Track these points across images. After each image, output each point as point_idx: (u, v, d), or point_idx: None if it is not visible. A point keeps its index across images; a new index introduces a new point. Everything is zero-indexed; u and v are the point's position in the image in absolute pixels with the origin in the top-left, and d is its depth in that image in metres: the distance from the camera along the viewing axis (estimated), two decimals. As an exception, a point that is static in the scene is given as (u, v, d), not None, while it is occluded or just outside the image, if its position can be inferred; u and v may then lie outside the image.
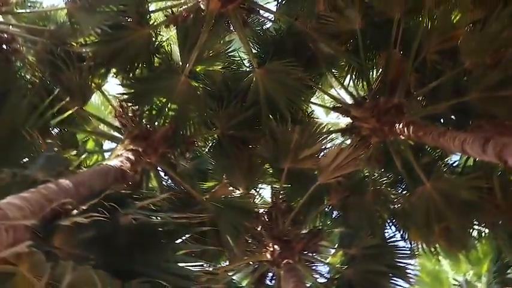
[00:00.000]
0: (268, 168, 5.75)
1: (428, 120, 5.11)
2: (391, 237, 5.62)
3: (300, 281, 3.87)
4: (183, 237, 2.47)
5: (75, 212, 1.92)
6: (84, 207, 1.97)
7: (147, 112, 5.11)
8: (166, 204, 5.08)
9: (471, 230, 5.68)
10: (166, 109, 5.09)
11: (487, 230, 5.74)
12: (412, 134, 4.07)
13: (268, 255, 4.81)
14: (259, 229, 5.07)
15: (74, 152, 3.75)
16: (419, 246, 5.48)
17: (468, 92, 5.01)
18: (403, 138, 4.77)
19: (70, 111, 3.66)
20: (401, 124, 4.34)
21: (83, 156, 3.58)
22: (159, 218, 2.41)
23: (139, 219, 2.27)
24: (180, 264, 2.44)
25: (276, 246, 4.77)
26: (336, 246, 5.67)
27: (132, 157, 3.77)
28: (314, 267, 5.43)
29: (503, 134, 2.97)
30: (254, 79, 5.10)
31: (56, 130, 5.06)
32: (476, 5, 5.16)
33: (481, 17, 4.95)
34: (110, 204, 2.18)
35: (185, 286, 2.14)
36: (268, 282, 5.54)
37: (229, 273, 5.55)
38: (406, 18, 4.99)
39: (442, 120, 5.62)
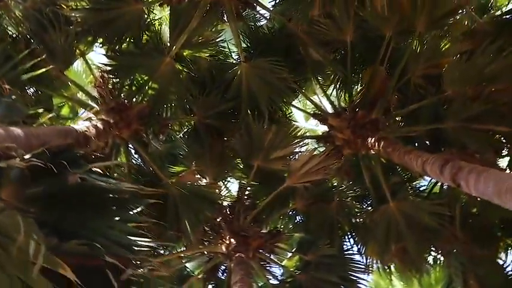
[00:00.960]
0: (238, 162, 5.75)
1: (403, 142, 5.19)
2: (349, 249, 5.68)
3: (247, 275, 3.87)
4: (135, 209, 2.43)
5: (18, 159, 1.88)
6: (30, 158, 1.93)
7: (126, 87, 5.07)
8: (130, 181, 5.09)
9: (427, 255, 5.78)
10: (147, 87, 5.07)
11: (442, 258, 5.85)
12: (382, 149, 4.12)
13: (224, 248, 4.81)
14: (219, 220, 5.06)
15: (41, 110, 3.68)
16: (375, 262, 5.54)
17: (445, 120, 5.09)
18: (374, 153, 4.82)
19: (44, 69, 3.60)
20: (373, 139, 4.38)
21: (50, 115, 3.50)
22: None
23: (90, 182, 2.24)
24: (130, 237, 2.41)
25: (232, 240, 4.77)
26: (293, 250, 5.69)
27: (100, 126, 3.73)
28: (268, 267, 5.45)
29: (466, 161, 3.04)
30: (239, 72, 5.10)
31: (32, 90, 5.01)
32: (466, 37, 5.27)
33: (469, 48, 5.07)
34: (60, 161, 2.15)
35: (119, 254, 2.11)
36: (220, 274, 5.53)
37: (184, 260, 5.53)
38: (397, 38, 5.04)
39: (416, 144, 5.69)
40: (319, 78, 5.72)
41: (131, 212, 2.59)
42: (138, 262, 2.28)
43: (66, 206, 2.22)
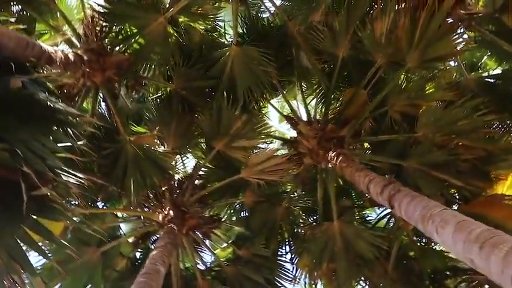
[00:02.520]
0: (201, 142, 5.72)
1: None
2: (282, 255, 5.70)
3: (171, 244, 3.82)
4: (66, 129, 2.38)
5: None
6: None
7: (113, 34, 4.98)
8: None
9: (355, 283, 5.85)
10: (133, 40, 4.99)
11: (368, 290, 5.92)
12: (338, 164, 4.17)
13: (160, 217, 4.75)
14: (164, 189, 5.01)
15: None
16: (303, 275, 5.57)
17: (408, 159, 5.20)
18: (331, 169, 4.86)
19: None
20: (334, 153, 4.42)
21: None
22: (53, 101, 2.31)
23: (32, 92, 2.18)
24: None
25: (171, 212, 4.72)
26: (229, 242, 5.67)
27: (71, 57, 3.64)
28: (199, 250, 5.41)
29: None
30: (227, 54, 5.09)
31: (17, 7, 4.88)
32: (450, 87, 5.40)
33: (449, 99, 5.19)
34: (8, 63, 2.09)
35: (39, 169, 2.06)
36: (150, 244, 5.46)
37: (119, 220, 5.45)
38: (386, 68, 5.11)
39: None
40: (303, 84, 5.75)
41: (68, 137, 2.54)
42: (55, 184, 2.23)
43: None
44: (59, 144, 2.41)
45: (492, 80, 5.48)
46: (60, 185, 2.34)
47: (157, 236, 5.28)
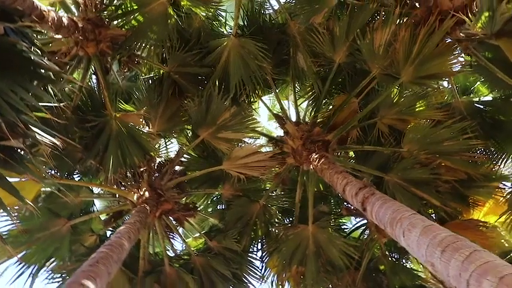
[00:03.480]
0: (187, 128, 5.68)
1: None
2: (253, 253, 5.67)
3: (140, 223, 3.76)
4: (47, 86, 2.33)
5: None
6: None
7: (113, 7, 4.92)
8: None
9: (322, 289, 5.85)
10: (132, 17, 4.94)
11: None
12: (319, 166, 4.15)
13: (135, 197, 4.69)
14: (143, 170, 4.95)
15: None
16: (271, 275, 5.55)
17: (390, 172, 5.22)
18: (312, 172, 4.85)
19: None
20: (317, 155, 4.41)
21: None
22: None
23: (14, 41, 2.13)
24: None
25: (146, 193, 4.66)
26: (202, 232, 5.61)
27: (65, 21, 3.59)
28: (171, 236, 5.36)
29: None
30: (225, 44, 5.06)
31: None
32: (441, 107, 5.43)
33: (438, 118, 5.22)
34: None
35: (11, 121, 2.01)
36: (121, 224, 5.38)
37: (94, 195, 5.37)
38: (380, 79, 5.12)
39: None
40: (296, 85, 5.74)
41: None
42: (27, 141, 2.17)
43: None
44: (40, 104, 2.35)
45: (482, 106, 5.52)
46: (33, 143, 2.28)
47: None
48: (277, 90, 5.80)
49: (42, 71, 2.24)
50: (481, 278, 1.45)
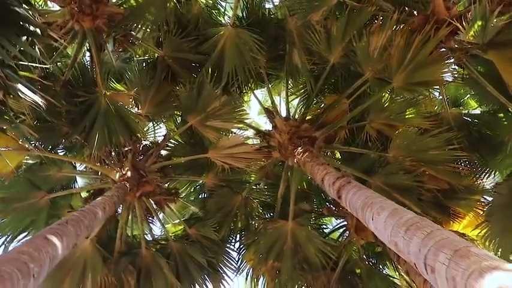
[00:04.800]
0: (177, 114, 5.67)
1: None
2: (231, 243, 5.66)
3: (118, 198, 3.73)
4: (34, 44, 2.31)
5: None
6: None
7: (113, -15, 4.93)
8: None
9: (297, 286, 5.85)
10: (132, -3, 4.95)
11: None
12: (302, 159, 4.16)
13: (117, 176, 4.67)
14: (127, 149, 4.93)
15: None
16: (247, 268, 5.53)
17: (374, 176, 5.24)
18: (297, 166, 4.86)
19: None
20: (302, 149, 4.42)
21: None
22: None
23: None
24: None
25: (129, 173, 4.64)
26: (182, 219, 5.59)
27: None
28: (150, 220, 5.34)
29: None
30: (222, 33, 5.08)
31: None
32: (429, 116, 5.48)
33: (426, 127, 5.27)
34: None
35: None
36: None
37: (76, 172, 5.34)
38: (373, 82, 5.15)
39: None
40: (289, 82, 5.76)
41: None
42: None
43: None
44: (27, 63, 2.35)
45: (470, 119, 5.58)
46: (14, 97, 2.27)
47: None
48: (270, 85, 5.81)
49: (31, 27, 2.23)
50: (438, 252, 1.47)
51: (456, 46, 4.93)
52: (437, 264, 1.44)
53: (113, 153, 4.96)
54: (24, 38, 2.32)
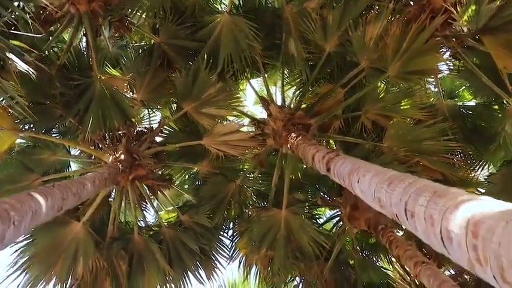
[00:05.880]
0: (173, 101, 5.67)
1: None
2: (224, 231, 5.64)
3: (109, 176, 3.72)
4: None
5: None
6: None
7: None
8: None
9: (290, 277, 5.83)
10: (128, -19, 4.95)
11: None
12: (294, 143, 4.16)
13: (110, 158, 4.66)
14: (121, 133, 4.92)
15: None
16: (240, 256, 5.52)
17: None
18: (291, 153, 4.85)
19: None
20: (295, 135, 4.42)
21: None
22: None
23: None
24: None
25: (122, 156, 4.63)
26: (176, 206, 5.58)
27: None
28: (143, 206, 5.33)
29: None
30: (218, 20, 5.08)
31: None
32: (424, 107, 5.48)
33: (421, 118, 5.27)
34: None
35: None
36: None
37: (70, 156, 5.34)
38: (368, 72, 5.14)
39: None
40: (285, 71, 5.76)
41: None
42: None
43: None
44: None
45: (464, 111, 5.59)
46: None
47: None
48: (266, 75, 5.81)
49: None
50: (418, 196, 1.46)
51: (451, 33, 4.95)
52: (417, 207, 1.44)
53: (107, 138, 4.95)
54: (16, 3, 2.33)
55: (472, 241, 1.09)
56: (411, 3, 5.14)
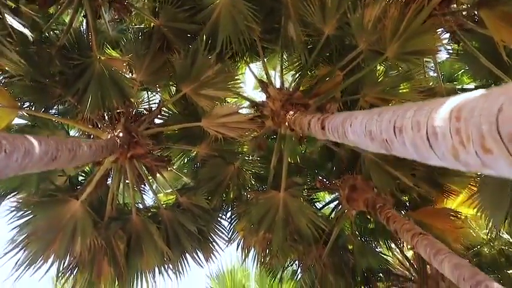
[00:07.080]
0: (172, 84, 5.69)
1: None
2: (223, 213, 5.64)
3: (107, 145, 3.72)
4: None
5: None
6: None
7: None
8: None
9: (290, 262, 5.82)
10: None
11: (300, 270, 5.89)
12: (292, 118, 4.16)
13: (108, 136, 4.67)
14: (119, 112, 4.94)
15: None
16: (238, 240, 5.50)
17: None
18: (289, 134, 4.85)
19: None
20: (293, 112, 4.42)
21: None
22: None
23: None
24: None
25: (121, 134, 4.64)
26: (175, 189, 5.57)
27: None
28: (142, 188, 5.33)
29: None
30: (217, 1, 5.11)
31: None
32: (423, 91, 5.48)
33: (421, 101, 5.26)
34: None
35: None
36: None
37: (70, 136, 5.35)
38: (367, 54, 5.15)
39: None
40: (284, 56, 5.77)
41: None
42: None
43: None
44: None
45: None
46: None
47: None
48: (265, 59, 5.83)
49: None
50: (405, 113, 1.46)
51: (449, 10, 4.96)
52: (405, 120, 1.44)
53: (106, 117, 4.97)
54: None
55: (455, 125, 1.10)
56: (410, -16, 5.16)
